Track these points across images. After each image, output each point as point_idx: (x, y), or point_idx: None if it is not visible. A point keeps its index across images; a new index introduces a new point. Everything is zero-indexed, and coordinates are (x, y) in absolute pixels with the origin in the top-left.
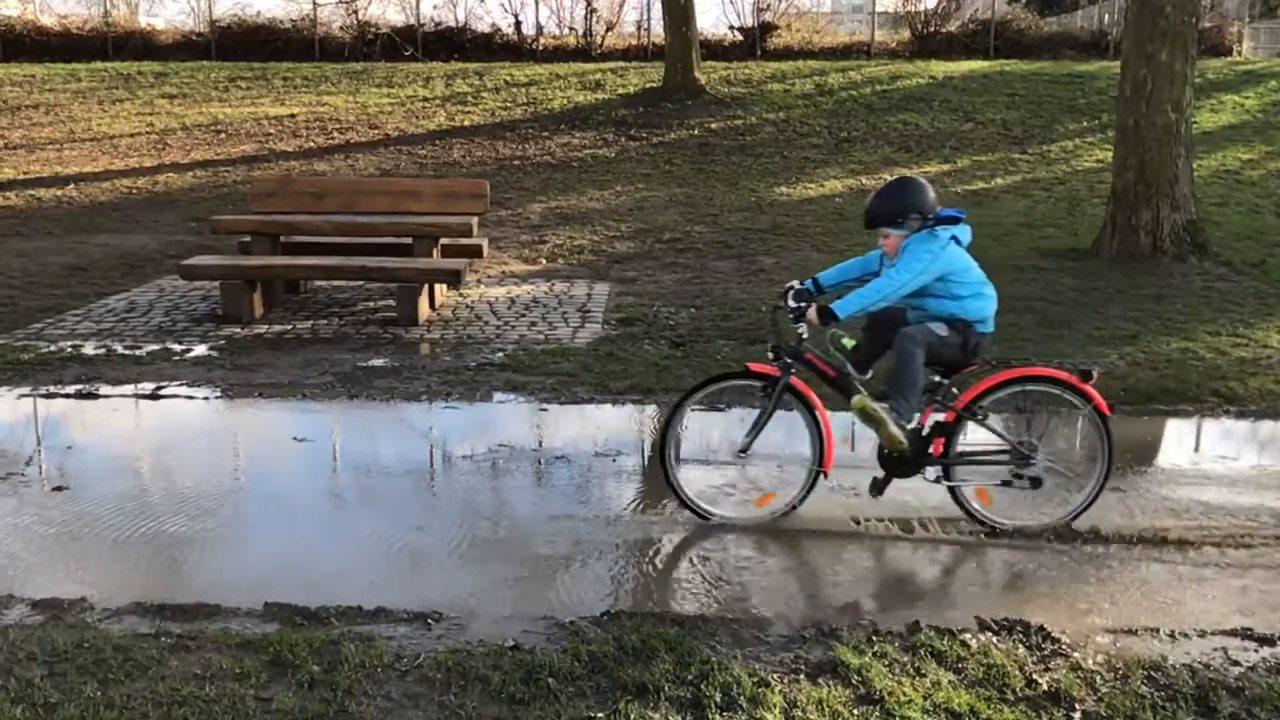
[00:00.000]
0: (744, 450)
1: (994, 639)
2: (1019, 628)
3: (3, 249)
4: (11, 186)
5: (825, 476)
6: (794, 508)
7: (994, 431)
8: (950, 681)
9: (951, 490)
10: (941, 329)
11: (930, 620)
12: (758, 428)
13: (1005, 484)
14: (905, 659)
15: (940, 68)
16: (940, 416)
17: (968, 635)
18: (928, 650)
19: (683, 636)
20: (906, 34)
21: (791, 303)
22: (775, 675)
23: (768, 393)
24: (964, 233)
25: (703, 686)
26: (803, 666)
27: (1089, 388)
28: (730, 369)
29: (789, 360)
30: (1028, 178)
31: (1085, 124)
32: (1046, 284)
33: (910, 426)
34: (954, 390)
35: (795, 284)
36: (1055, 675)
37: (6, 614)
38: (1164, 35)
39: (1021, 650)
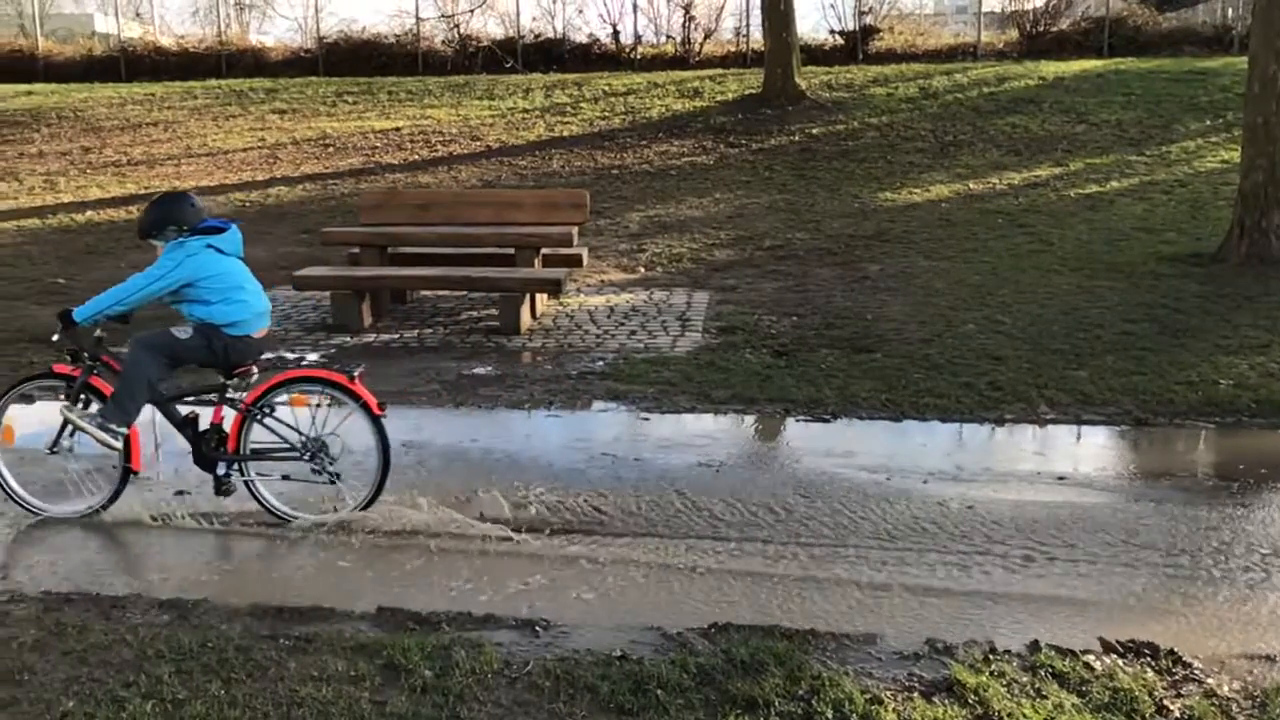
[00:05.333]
0: (53, 448)
1: (1120, 661)
2: (1146, 650)
3: (126, 261)
4: (133, 200)
5: (135, 475)
6: (106, 505)
7: (276, 430)
8: (1074, 705)
9: (247, 485)
10: (183, 332)
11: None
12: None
13: (285, 478)
14: (1025, 679)
15: (1050, 68)
16: (230, 414)
17: (1091, 657)
18: (1049, 671)
19: (792, 650)
20: (1014, 34)
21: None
22: (888, 693)
23: (69, 393)
24: (227, 242)
25: (814, 702)
26: (917, 684)
27: (358, 387)
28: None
29: (90, 361)
30: (1145, 180)
31: (1208, 123)
32: (1168, 291)
33: (123, 431)
34: (232, 391)
35: None
36: (1188, 702)
37: (135, 614)
38: None
39: (1151, 674)
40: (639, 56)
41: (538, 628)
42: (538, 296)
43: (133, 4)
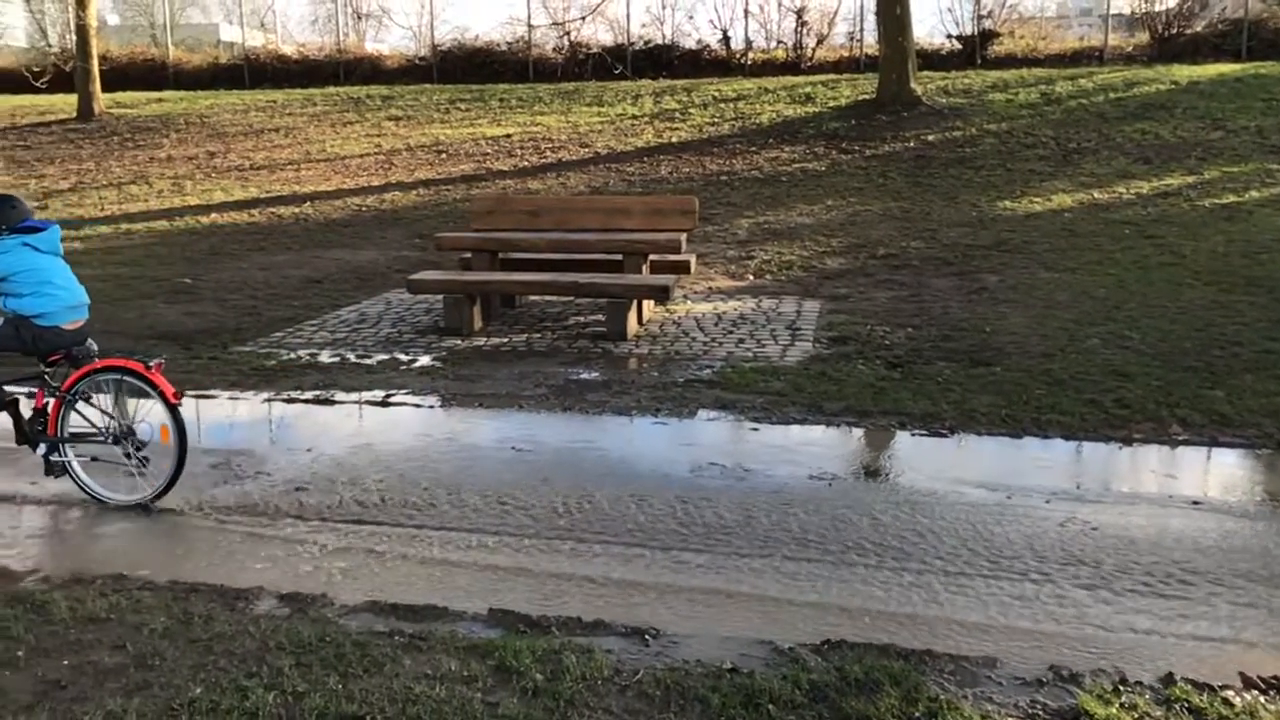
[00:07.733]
0: None
1: (1262, 699)
2: None
3: (248, 262)
4: (256, 204)
5: None
6: None
7: (86, 416)
8: None
9: (64, 465)
10: None
11: None
12: None
13: (94, 460)
14: (1158, 713)
15: (1184, 72)
16: (51, 401)
17: (1230, 692)
18: (1184, 706)
19: (908, 670)
20: (1145, 37)
21: None
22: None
23: None
24: (44, 240)
25: None
26: (1040, 712)
27: (155, 376)
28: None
29: None
30: None
31: None
32: None
33: None
34: (49, 379)
35: None
36: None
37: (257, 605)
38: None
39: None
40: (749, 62)
41: (647, 636)
42: (645, 303)
43: (257, 14)
